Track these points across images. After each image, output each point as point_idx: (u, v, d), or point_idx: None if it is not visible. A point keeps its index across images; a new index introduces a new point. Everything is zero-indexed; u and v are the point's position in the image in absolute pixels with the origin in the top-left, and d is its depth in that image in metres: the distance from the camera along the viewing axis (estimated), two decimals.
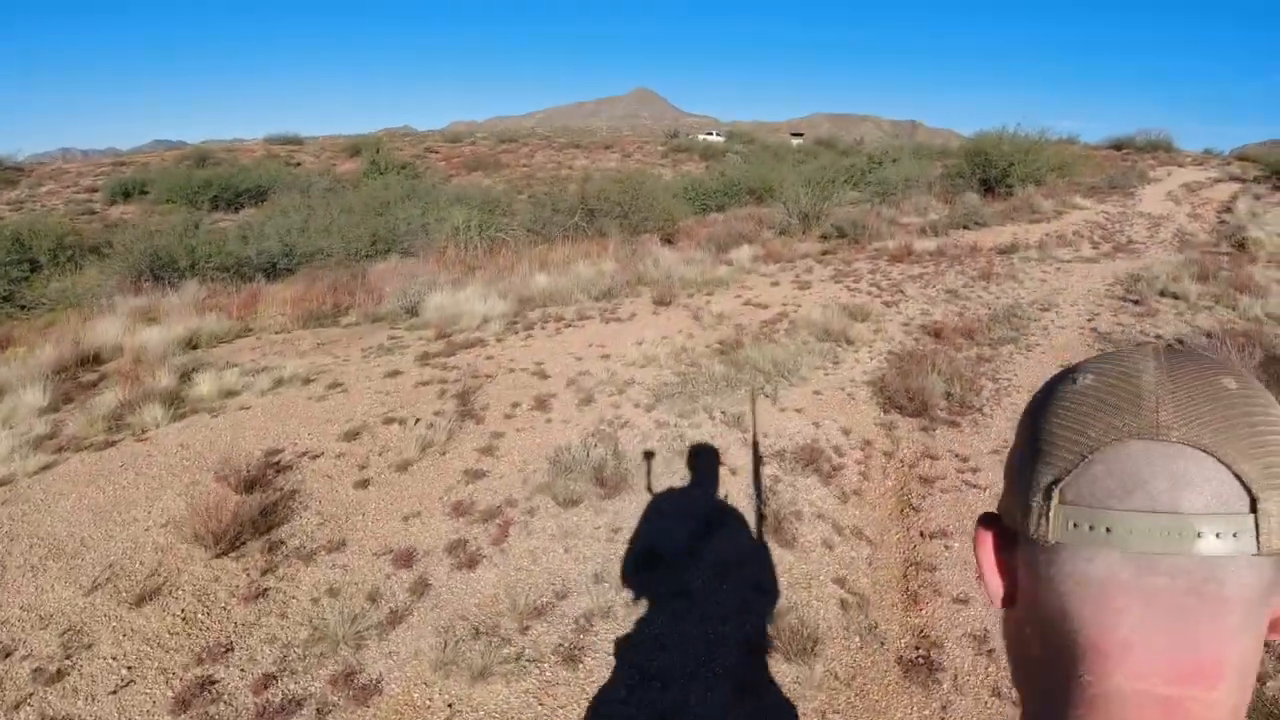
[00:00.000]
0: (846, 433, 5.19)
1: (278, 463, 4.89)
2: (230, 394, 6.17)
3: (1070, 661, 0.46)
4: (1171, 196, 20.67)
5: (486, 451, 5.01)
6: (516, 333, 7.95)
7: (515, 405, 5.82)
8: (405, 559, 3.78)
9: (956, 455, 4.84)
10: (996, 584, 0.53)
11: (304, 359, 7.11)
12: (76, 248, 17.28)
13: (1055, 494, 0.46)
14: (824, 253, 12.27)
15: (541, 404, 5.83)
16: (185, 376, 6.46)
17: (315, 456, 4.99)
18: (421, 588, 3.55)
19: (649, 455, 4.80)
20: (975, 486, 4.44)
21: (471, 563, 3.73)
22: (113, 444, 5.23)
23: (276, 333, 8.30)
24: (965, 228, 14.59)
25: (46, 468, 4.90)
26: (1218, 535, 0.42)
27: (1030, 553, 0.49)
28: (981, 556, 0.54)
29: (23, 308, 13.46)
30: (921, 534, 3.96)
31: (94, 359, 7.28)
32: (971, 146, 23.14)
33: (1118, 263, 11.24)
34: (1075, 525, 0.45)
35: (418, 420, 5.39)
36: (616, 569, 3.66)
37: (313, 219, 19.43)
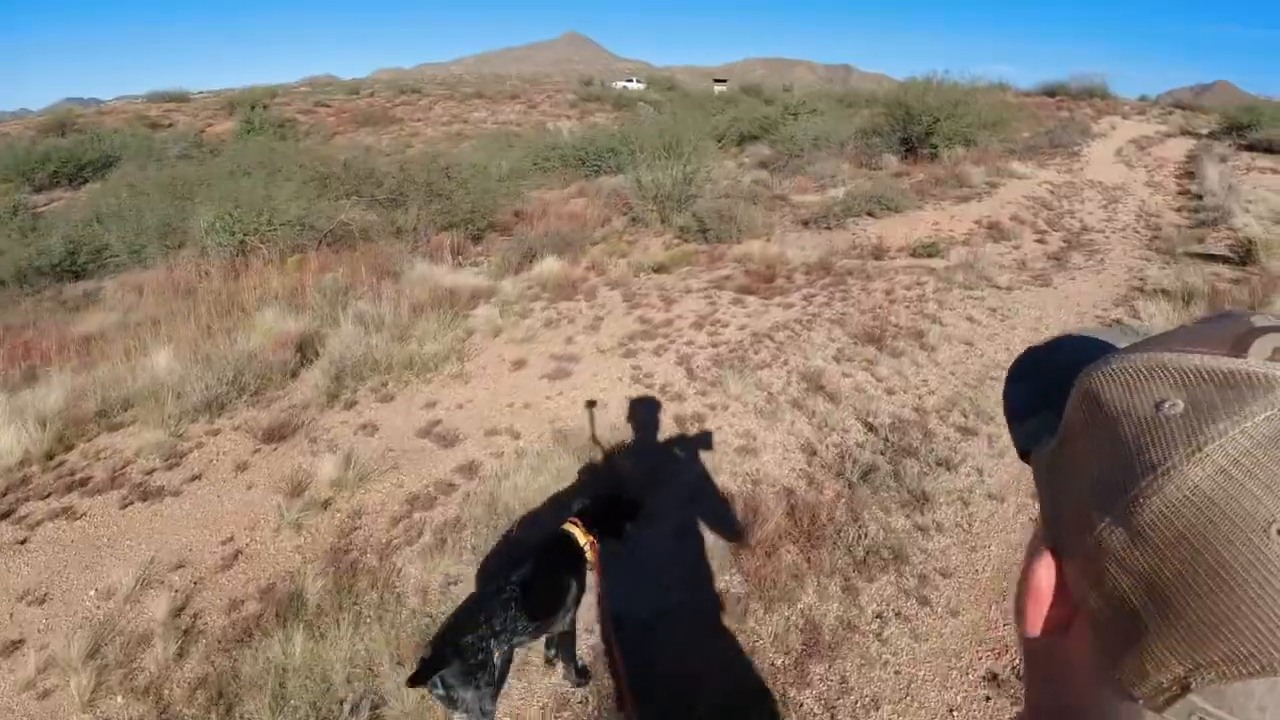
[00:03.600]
0: None
1: None
2: None
3: None
4: (1121, 157, 17.37)
5: None
6: None
7: None
8: None
9: None
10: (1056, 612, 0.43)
11: None
12: None
13: (1193, 683, 0.33)
14: (659, 268, 8.39)
15: None
16: None
17: None
18: None
19: None
20: None
21: None
22: None
23: None
24: (870, 214, 10.87)
25: None
26: None
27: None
28: (1043, 585, 0.43)
29: None
30: None
31: None
32: (892, 99, 19.41)
33: (1078, 282, 7.68)
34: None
35: None
36: None
37: (124, 203, 15.21)
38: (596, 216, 12.54)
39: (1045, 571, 0.42)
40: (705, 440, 4.19)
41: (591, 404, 4.80)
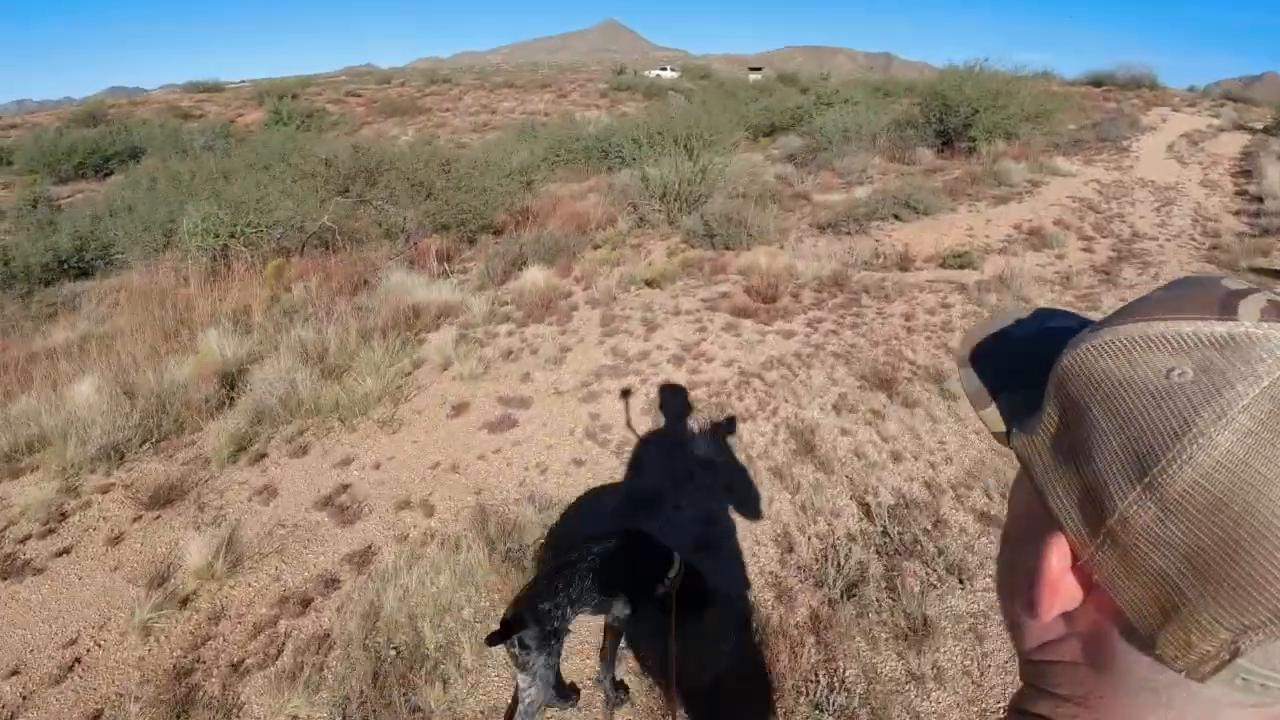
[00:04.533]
0: None
1: None
2: None
3: None
4: (1173, 152, 16.02)
5: None
6: None
7: None
8: None
9: None
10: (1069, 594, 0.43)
11: None
12: None
13: (1243, 646, 0.34)
14: (651, 281, 7.54)
15: None
16: None
17: None
18: None
19: None
20: None
21: None
22: None
23: None
24: (897, 216, 9.87)
25: None
26: None
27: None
28: (1056, 570, 0.42)
29: None
30: None
31: None
32: (928, 89, 18.20)
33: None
34: (1245, 681, 0.36)
35: None
36: None
37: (139, 196, 14.87)
38: (603, 216, 11.72)
39: (1059, 557, 0.41)
40: (649, 535, 3.36)
41: (532, 467, 4.00)
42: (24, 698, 2.92)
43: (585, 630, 2.85)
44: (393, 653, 2.82)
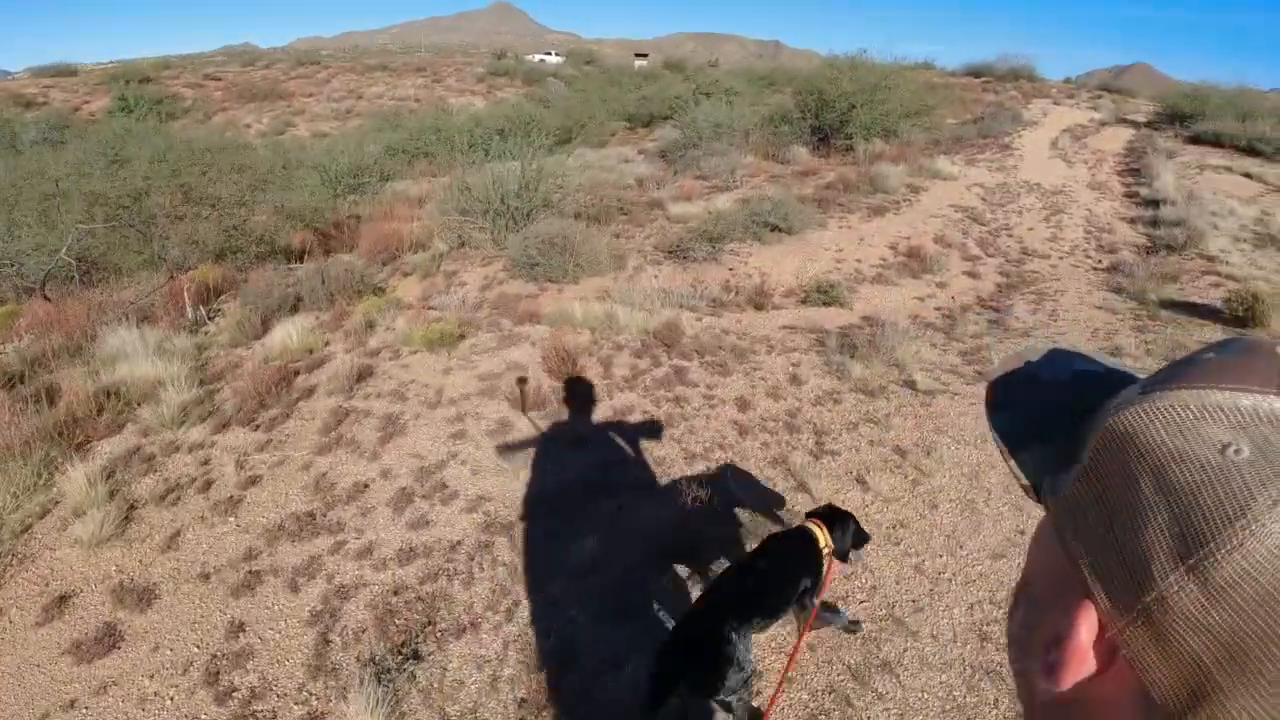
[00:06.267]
0: None
1: None
2: None
3: None
4: (1057, 149, 15.23)
5: None
6: None
7: None
8: None
9: None
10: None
11: None
12: None
13: None
14: (436, 340, 5.62)
15: None
16: None
17: None
18: None
19: None
20: None
21: None
22: None
23: None
24: (757, 237, 8.26)
25: None
26: None
27: None
28: (1084, 642, 0.39)
29: None
30: None
31: None
32: (804, 82, 16.88)
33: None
34: None
35: None
36: None
37: None
38: (424, 233, 9.69)
39: (1087, 626, 0.39)
40: None
41: None
42: None
43: None
44: None
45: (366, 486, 3.81)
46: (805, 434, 4.08)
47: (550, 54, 58.13)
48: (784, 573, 2.38)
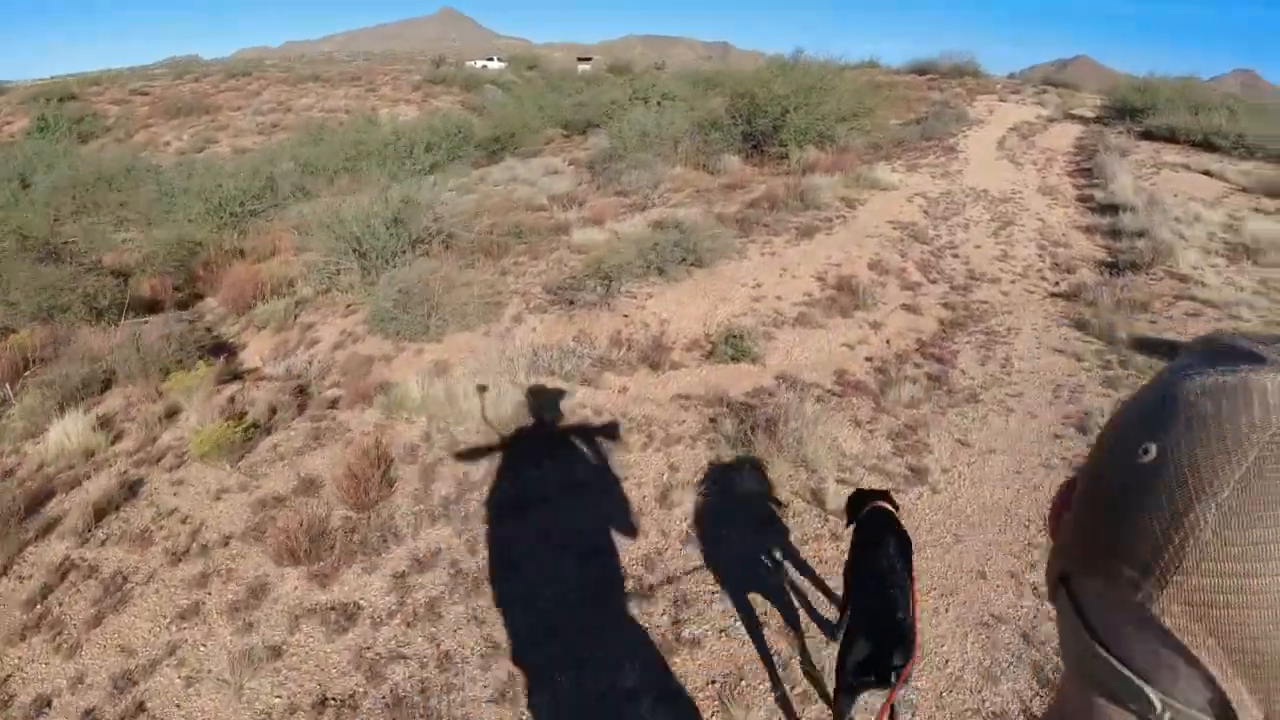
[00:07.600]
0: None
1: None
2: None
3: None
4: (1004, 149, 14.26)
5: None
6: None
7: None
8: None
9: None
10: None
11: None
12: None
13: None
14: (223, 445, 4.26)
15: None
16: None
17: None
18: None
19: None
20: None
21: None
22: None
23: None
24: (662, 271, 7.01)
25: None
26: None
27: None
28: None
29: None
30: None
31: None
32: (735, 85, 15.74)
33: (978, 466, 4.03)
34: None
35: None
36: None
37: None
38: (302, 270, 8.29)
39: None
40: None
41: None
42: None
43: None
44: None
45: (49, 704, 2.50)
46: (661, 605, 2.83)
47: (492, 59, 56.39)
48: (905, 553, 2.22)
